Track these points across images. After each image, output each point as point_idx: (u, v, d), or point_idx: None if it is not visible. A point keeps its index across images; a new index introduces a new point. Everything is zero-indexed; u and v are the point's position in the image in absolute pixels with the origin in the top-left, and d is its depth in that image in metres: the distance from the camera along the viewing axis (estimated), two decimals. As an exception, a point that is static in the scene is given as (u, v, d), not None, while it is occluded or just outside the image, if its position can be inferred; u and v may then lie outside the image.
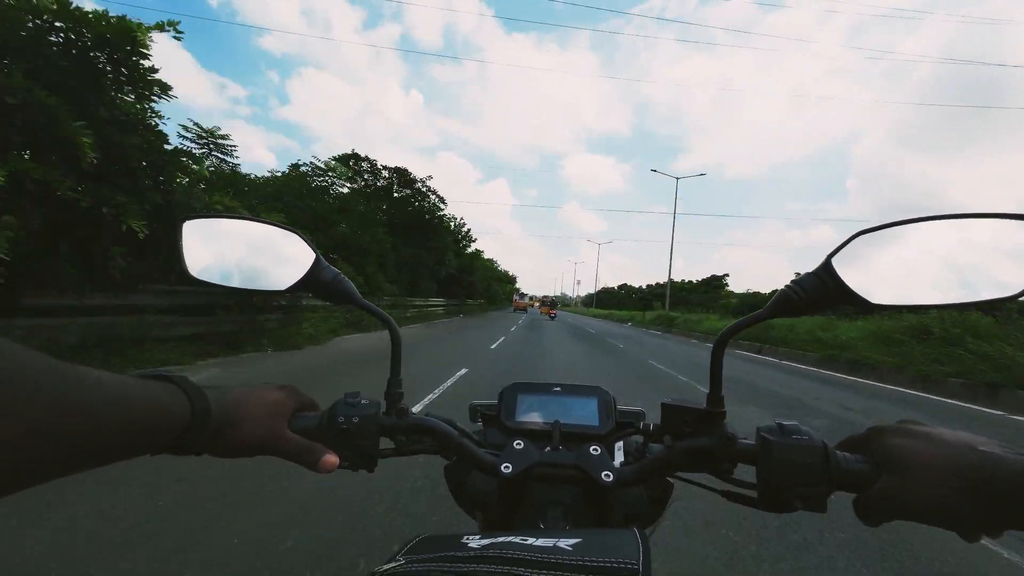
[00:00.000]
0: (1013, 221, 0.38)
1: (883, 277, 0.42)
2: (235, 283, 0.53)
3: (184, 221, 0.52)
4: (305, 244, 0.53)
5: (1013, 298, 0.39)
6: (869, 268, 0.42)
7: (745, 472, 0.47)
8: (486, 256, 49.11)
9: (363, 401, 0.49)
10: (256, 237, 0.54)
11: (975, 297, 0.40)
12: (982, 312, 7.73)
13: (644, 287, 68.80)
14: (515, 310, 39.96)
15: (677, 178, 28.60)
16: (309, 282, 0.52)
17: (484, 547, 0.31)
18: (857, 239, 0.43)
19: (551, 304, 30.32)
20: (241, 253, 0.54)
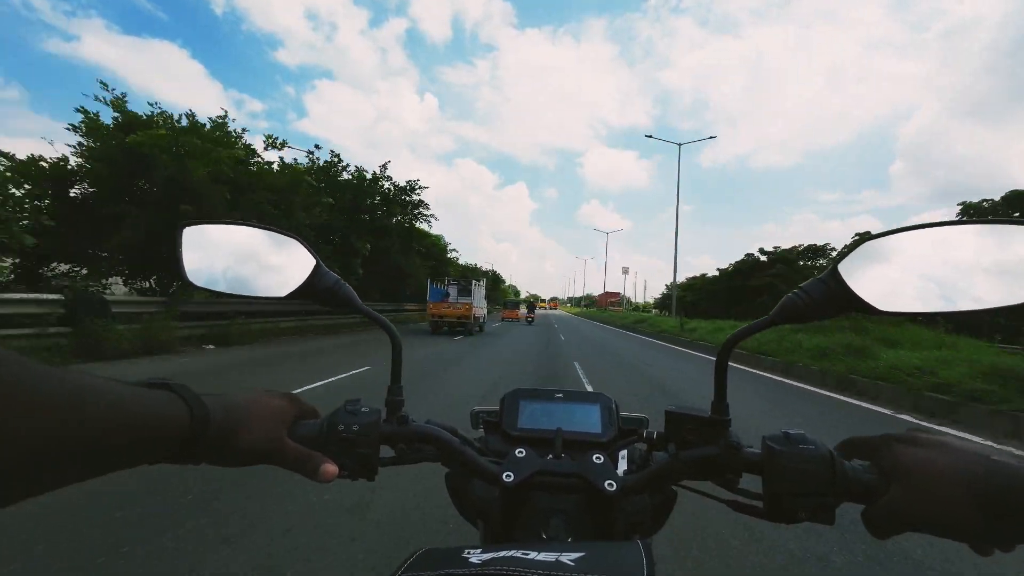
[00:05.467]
0: (1021, 227, 0.38)
1: (890, 283, 0.42)
2: (235, 289, 0.53)
3: (184, 227, 0.52)
4: (305, 250, 0.53)
5: (1021, 306, 0.38)
6: (876, 274, 0.42)
7: (751, 482, 0.46)
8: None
9: (363, 409, 0.48)
10: (256, 243, 0.54)
11: (983, 304, 0.40)
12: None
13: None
14: (432, 320, 16.03)
15: (679, 144, 24.30)
16: (309, 288, 0.52)
17: (485, 562, 0.31)
18: (864, 245, 0.43)
19: (530, 307, 30.05)
20: (241, 259, 0.54)
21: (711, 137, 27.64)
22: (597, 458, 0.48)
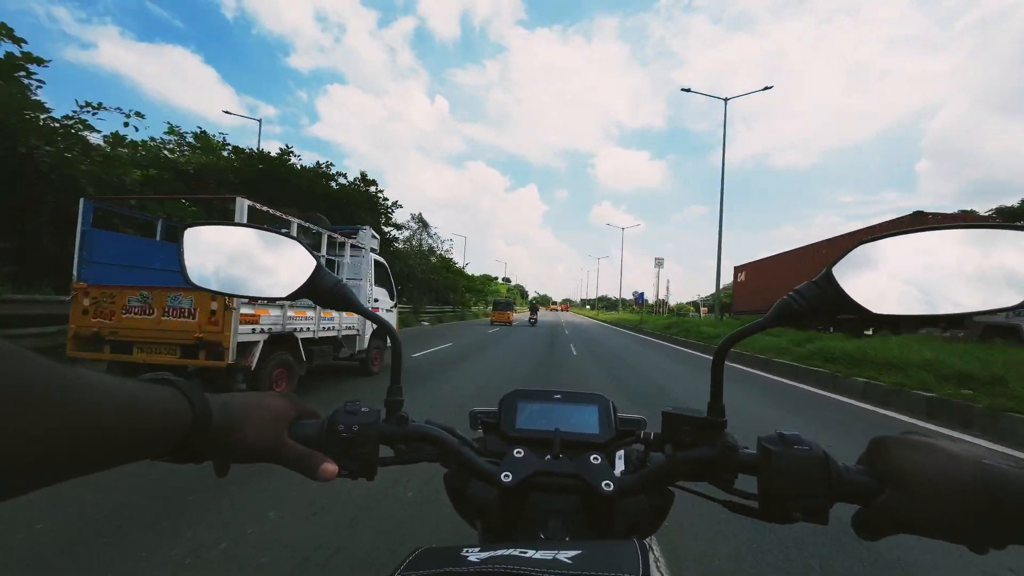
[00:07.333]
0: (1013, 232, 0.38)
1: (884, 287, 0.43)
2: (235, 290, 0.54)
3: (185, 228, 0.52)
4: (306, 251, 0.53)
5: (1013, 309, 0.39)
6: (870, 278, 0.43)
7: (746, 482, 0.46)
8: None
9: (363, 409, 0.49)
10: (256, 245, 0.54)
11: (975, 307, 0.40)
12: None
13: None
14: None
15: (725, 99, 19.81)
16: (310, 289, 0.53)
17: (483, 560, 0.31)
18: (858, 249, 0.43)
19: (533, 309, 31.70)
20: (241, 260, 0.54)
21: (766, 88, 19.89)
22: (594, 459, 0.49)
